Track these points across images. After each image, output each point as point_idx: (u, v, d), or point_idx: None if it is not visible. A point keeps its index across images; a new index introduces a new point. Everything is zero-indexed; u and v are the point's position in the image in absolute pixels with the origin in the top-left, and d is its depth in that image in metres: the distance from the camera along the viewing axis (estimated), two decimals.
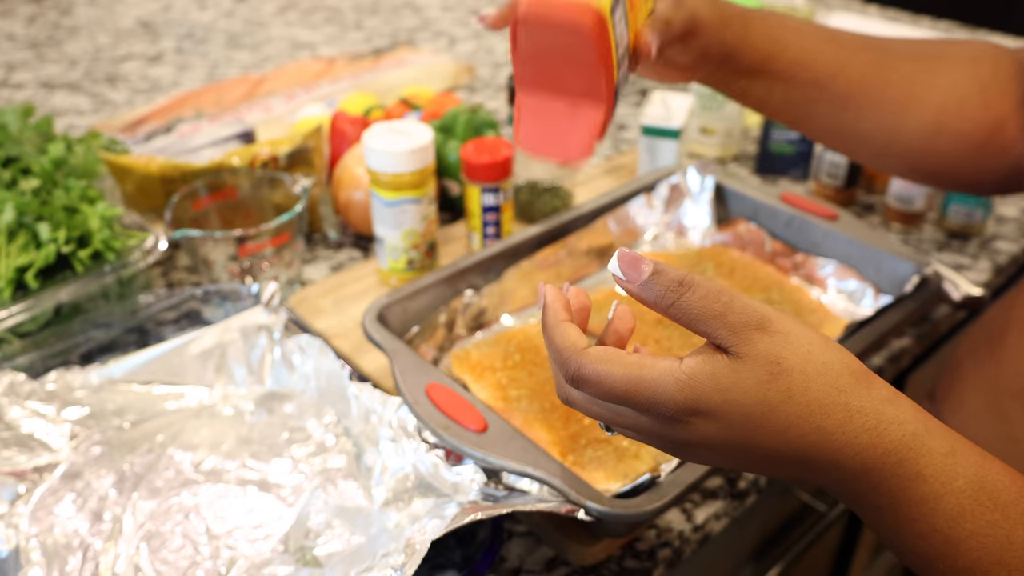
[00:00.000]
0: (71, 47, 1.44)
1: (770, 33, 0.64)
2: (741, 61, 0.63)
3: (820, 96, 0.65)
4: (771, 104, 0.67)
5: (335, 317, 0.80)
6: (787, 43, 0.64)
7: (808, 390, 0.39)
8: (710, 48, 0.62)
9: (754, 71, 0.64)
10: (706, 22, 0.60)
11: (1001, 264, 0.90)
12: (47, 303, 0.72)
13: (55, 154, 0.78)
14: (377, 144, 0.76)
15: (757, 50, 0.63)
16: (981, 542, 0.39)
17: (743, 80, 0.65)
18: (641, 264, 0.40)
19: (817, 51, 0.65)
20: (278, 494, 0.63)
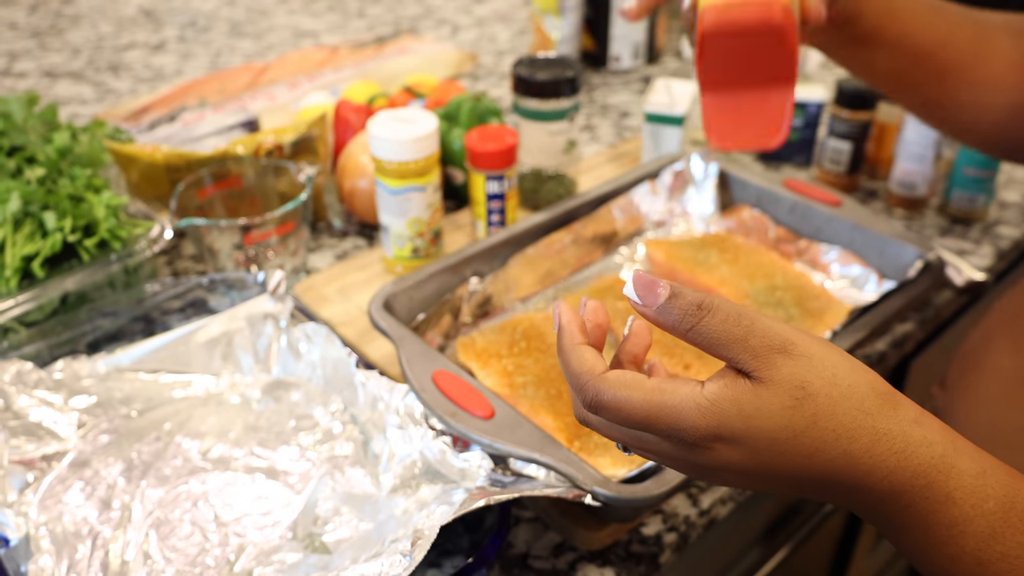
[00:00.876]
0: (73, 36, 1.44)
1: (883, 4, 0.65)
2: (855, 29, 0.65)
3: (923, 67, 0.67)
4: (876, 71, 0.69)
5: (340, 305, 0.80)
6: (897, 14, 0.66)
7: (834, 415, 0.38)
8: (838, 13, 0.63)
9: (865, 39, 0.66)
10: None
11: (1003, 249, 0.90)
12: (54, 292, 0.72)
13: (60, 143, 0.79)
14: (382, 132, 0.76)
15: (870, 19, 0.65)
16: (1012, 564, 0.38)
17: (854, 47, 0.67)
18: (657, 288, 0.39)
19: (924, 22, 0.66)
20: (286, 481, 0.63)
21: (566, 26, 1.20)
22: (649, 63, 1.30)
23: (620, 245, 0.85)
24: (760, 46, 0.55)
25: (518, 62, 0.88)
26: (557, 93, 0.86)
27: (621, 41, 1.26)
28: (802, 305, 0.74)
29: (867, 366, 0.40)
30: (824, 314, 0.73)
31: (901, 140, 0.91)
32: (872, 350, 0.77)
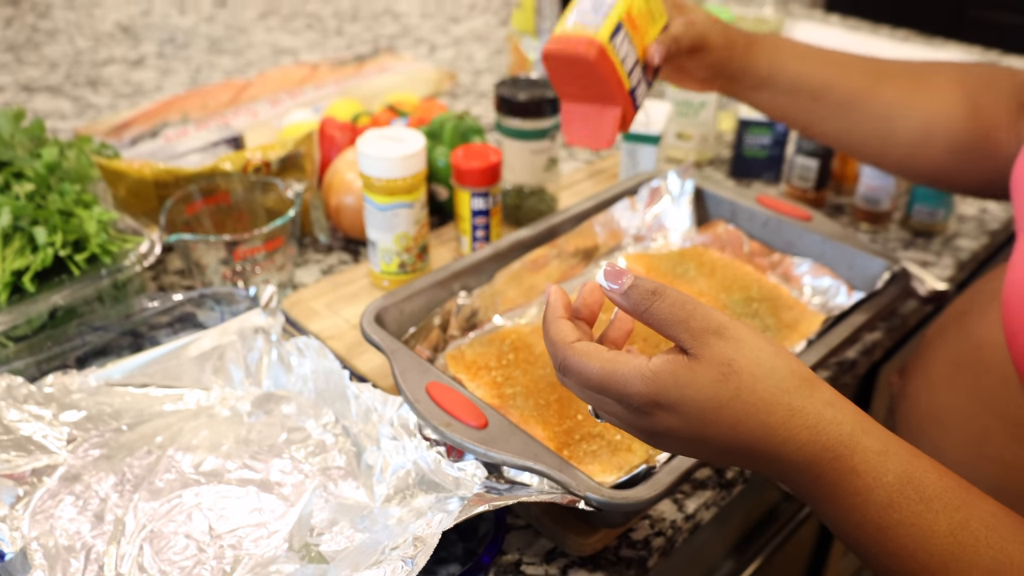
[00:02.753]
0: (50, 50, 1.44)
1: (771, 55, 0.76)
2: (748, 77, 0.77)
3: (817, 107, 0.76)
4: (777, 112, 0.79)
5: (329, 319, 0.82)
6: (785, 64, 0.76)
7: (755, 390, 0.44)
8: (720, 64, 0.75)
9: (759, 85, 0.77)
10: (713, 43, 0.74)
11: (963, 260, 0.94)
12: (43, 306, 0.72)
13: (49, 158, 0.79)
14: (371, 150, 0.78)
15: (760, 68, 0.76)
16: (907, 531, 0.43)
17: (751, 92, 0.78)
18: (622, 276, 0.46)
19: (811, 71, 0.76)
20: (279, 493, 0.65)
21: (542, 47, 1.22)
22: None
23: (601, 259, 0.87)
24: (586, 73, 0.68)
25: (501, 83, 0.90)
26: (539, 113, 0.88)
27: None
28: (777, 316, 0.77)
29: (792, 355, 0.46)
30: (798, 324, 0.76)
31: None
32: (843, 357, 0.80)
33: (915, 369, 0.74)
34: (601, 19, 0.67)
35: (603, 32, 0.66)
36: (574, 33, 0.67)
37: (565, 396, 0.68)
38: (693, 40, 0.73)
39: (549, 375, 0.70)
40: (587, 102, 0.70)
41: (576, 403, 0.68)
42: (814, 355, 0.68)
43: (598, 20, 0.67)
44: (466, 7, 1.70)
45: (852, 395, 0.95)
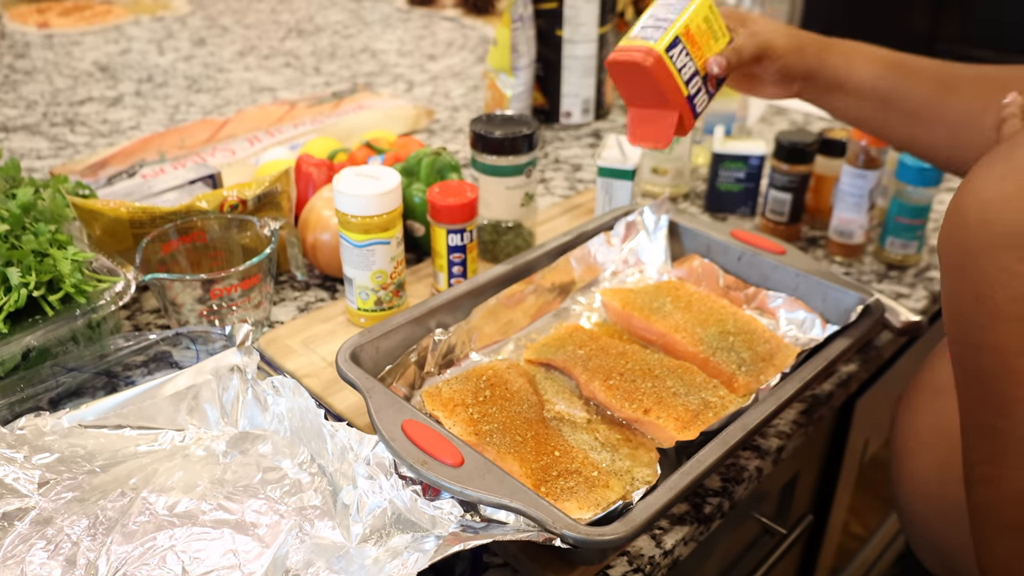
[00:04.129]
0: (27, 90, 1.44)
1: (844, 59, 0.77)
2: (820, 80, 0.78)
3: (888, 113, 0.77)
4: (850, 116, 0.80)
5: (305, 357, 0.81)
6: (857, 68, 0.77)
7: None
8: (790, 69, 0.77)
9: (831, 89, 0.78)
10: (780, 48, 0.76)
11: (936, 292, 0.95)
12: (17, 347, 0.72)
13: (24, 199, 0.79)
14: (347, 188, 0.78)
15: (832, 72, 0.77)
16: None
17: (823, 95, 0.79)
18: None
19: (883, 76, 0.77)
20: (255, 534, 0.64)
21: (519, 84, 1.24)
22: (598, 119, 1.35)
23: (577, 294, 0.88)
24: (643, 80, 0.74)
25: (476, 119, 0.91)
26: (515, 150, 0.89)
27: (571, 98, 1.30)
28: (753, 349, 0.77)
29: None
30: (774, 357, 0.77)
31: (838, 191, 0.96)
32: (820, 390, 0.81)
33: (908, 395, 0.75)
34: (660, 33, 0.74)
35: (660, 43, 0.73)
36: (634, 44, 0.74)
37: (542, 433, 0.68)
38: (757, 49, 0.76)
39: (526, 411, 0.70)
40: (648, 107, 0.77)
41: (553, 439, 0.68)
42: (789, 388, 0.68)
43: (656, 34, 0.74)
44: (443, 45, 1.72)
45: (829, 427, 0.95)
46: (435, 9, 1.97)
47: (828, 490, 1.01)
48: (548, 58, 1.27)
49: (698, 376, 0.74)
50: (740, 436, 0.63)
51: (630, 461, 0.68)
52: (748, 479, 0.72)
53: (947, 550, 0.69)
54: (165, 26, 1.82)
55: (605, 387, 0.73)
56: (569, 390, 0.76)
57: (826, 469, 0.99)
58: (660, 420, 0.69)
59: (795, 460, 0.88)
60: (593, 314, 0.86)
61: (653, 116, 0.77)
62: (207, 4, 1.98)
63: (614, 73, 0.76)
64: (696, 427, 0.68)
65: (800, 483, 0.92)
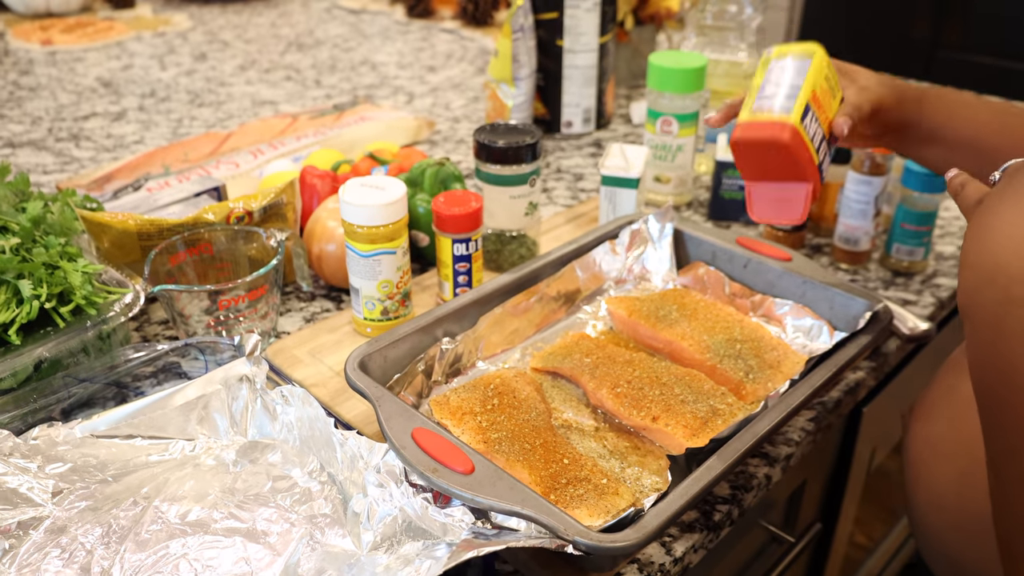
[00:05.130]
0: (32, 106, 1.45)
1: (942, 108, 0.75)
2: (917, 132, 0.76)
3: (987, 163, 0.73)
4: (943, 168, 0.75)
5: (312, 367, 0.82)
6: (957, 116, 0.75)
7: None
8: (890, 122, 0.75)
9: (928, 140, 0.76)
10: (887, 102, 0.74)
11: (943, 299, 0.95)
12: (29, 359, 0.72)
13: (34, 212, 0.80)
14: (352, 198, 0.79)
15: (930, 122, 0.75)
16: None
17: (918, 147, 0.77)
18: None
19: (984, 123, 0.75)
20: (266, 542, 0.64)
21: (520, 94, 1.25)
22: (599, 128, 1.36)
23: (583, 303, 0.88)
24: (777, 156, 0.70)
25: (480, 129, 0.92)
26: (518, 159, 0.90)
27: (572, 108, 1.31)
28: (760, 356, 0.77)
29: None
30: (781, 364, 0.77)
31: (843, 198, 0.97)
32: (828, 397, 0.81)
33: (921, 404, 0.75)
34: (791, 103, 0.69)
35: (794, 115, 0.68)
36: (764, 118, 0.69)
37: (550, 440, 0.68)
38: (872, 104, 0.73)
39: (534, 419, 0.70)
40: (774, 181, 0.72)
41: (562, 447, 0.68)
42: (798, 395, 0.68)
43: (788, 104, 0.69)
44: (443, 56, 1.73)
45: (837, 435, 0.95)
46: (434, 21, 1.98)
47: (835, 499, 1.01)
48: (548, 68, 1.28)
49: (706, 383, 0.74)
50: (751, 443, 0.64)
51: (639, 468, 0.68)
52: (757, 487, 0.72)
53: (962, 563, 0.69)
54: (166, 41, 1.83)
55: (613, 395, 0.73)
56: (576, 398, 0.76)
57: (833, 477, 0.99)
58: (669, 428, 0.70)
59: (803, 468, 0.88)
60: (599, 322, 0.86)
61: (780, 190, 0.72)
62: (207, 19, 1.99)
63: (739, 151, 0.71)
64: (705, 434, 0.68)
65: (807, 491, 0.93)
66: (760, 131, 0.69)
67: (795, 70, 0.71)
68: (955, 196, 0.65)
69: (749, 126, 0.70)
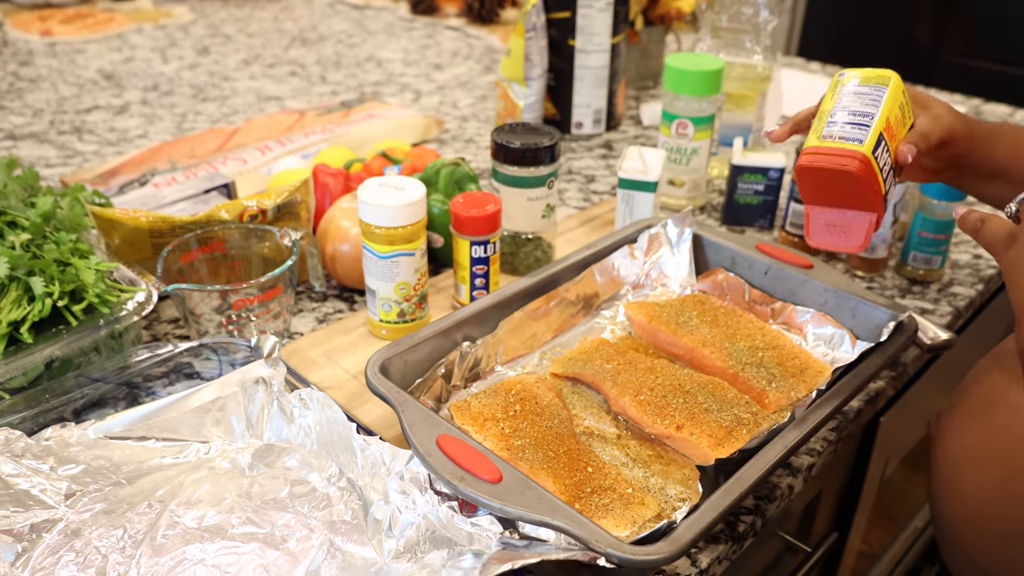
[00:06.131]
0: (33, 97, 1.43)
1: (1011, 146, 0.75)
2: (983, 168, 0.75)
3: None
4: (1001, 203, 0.75)
5: (328, 369, 0.80)
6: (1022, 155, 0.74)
7: None
8: (958, 157, 0.74)
9: (993, 176, 0.75)
10: (958, 135, 0.73)
11: (960, 308, 0.95)
12: (40, 358, 0.70)
13: (44, 207, 0.78)
14: (372, 198, 0.77)
15: (997, 159, 0.75)
16: None
17: (983, 182, 0.76)
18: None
19: None
20: (285, 549, 0.63)
21: (531, 94, 1.23)
22: (609, 129, 1.35)
23: (601, 307, 0.87)
24: (844, 185, 0.68)
25: (498, 129, 0.91)
26: (536, 161, 0.88)
27: (583, 109, 1.30)
28: (783, 364, 0.77)
29: None
30: (803, 373, 0.76)
31: None
32: (849, 407, 0.80)
33: (950, 411, 0.74)
34: (865, 133, 0.67)
35: (867, 146, 0.66)
36: (836, 147, 0.67)
37: (574, 448, 0.67)
38: (941, 135, 0.72)
39: (557, 426, 0.69)
40: (837, 206, 0.71)
41: (586, 455, 0.67)
42: (826, 407, 0.67)
43: (861, 135, 0.67)
44: (448, 54, 1.71)
45: (854, 445, 0.95)
46: (438, 18, 1.96)
47: (849, 508, 1.00)
48: (559, 68, 1.27)
49: (729, 392, 0.73)
50: (781, 454, 0.63)
51: (663, 478, 0.67)
52: (780, 497, 0.71)
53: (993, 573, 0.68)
54: (168, 34, 1.81)
55: (636, 402, 0.72)
56: (597, 405, 0.75)
57: (847, 487, 0.99)
58: (693, 437, 0.69)
59: (820, 477, 0.88)
60: (617, 327, 0.85)
61: (843, 217, 0.71)
62: (209, 12, 1.97)
63: (804, 177, 0.69)
64: (730, 444, 0.67)
65: (823, 501, 0.92)
66: (830, 160, 0.67)
67: (870, 97, 0.69)
68: (974, 233, 0.65)
69: (818, 153, 0.68)
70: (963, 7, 2.35)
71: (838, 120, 0.69)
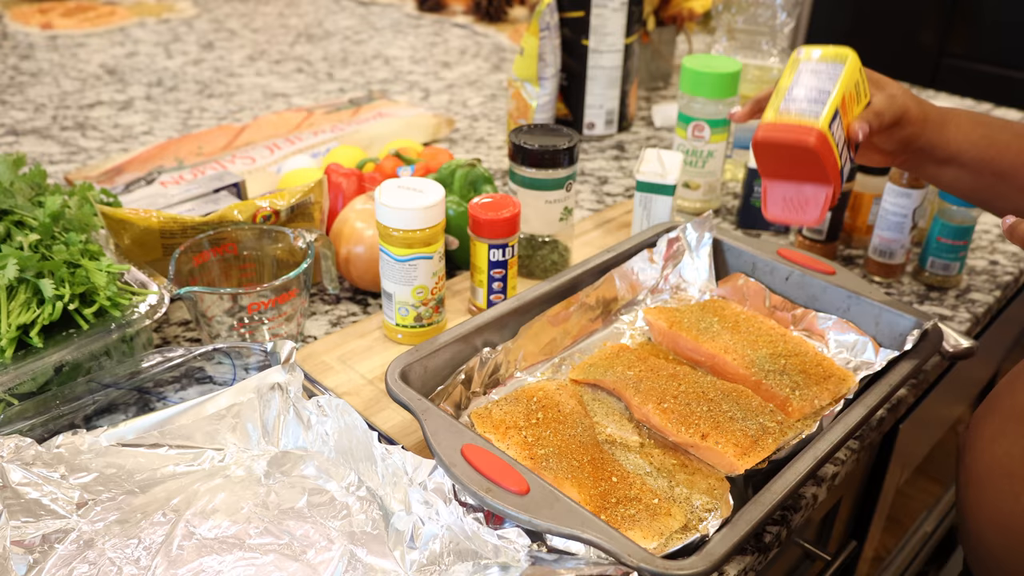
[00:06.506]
0: (34, 92, 1.40)
1: (963, 131, 0.75)
2: (936, 153, 0.76)
3: (1004, 185, 0.74)
4: (960, 189, 0.77)
5: (343, 374, 0.79)
6: (977, 140, 0.75)
7: None
8: (911, 139, 0.75)
9: (946, 161, 0.76)
10: (912, 117, 0.73)
11: (979, 314, 0.94)
12: (50, 362, 0.69)
13: (53, 207, 0.76)
14: (390, 200, 0.76)
15: (951, 144, 0.75)
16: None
17: (937, 167, 0.77)
18: None
19: (1004, 146, 0.74)
20: (304, 560, 0.61)
21: (544, 94, 1.22)
22: (621, 130, 1.33)
23: (620, 313, 0.86)
24: (800, 158, 0.69)
25: (516, 130, 0.89)
26: (555, 163, 0.87)
27: (595, 109, 1.29)
28: (806, 372, 0.75)
29: None
30: (827, 381, 0.75)
31: (880, 210, 0.95)
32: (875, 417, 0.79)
33: (982, 419, 0.73)
34: (820, 108, 0.68)
35: (823, 121, 0.68)
36: (792, 121, 0.68)
37: (597, 457, 0.66)
38: (895, 114, 0.73)
39: (580, 435, 0.68)
40: (793, 181, 0.72)
41: (610, 464, 0.66)
42: (855, 416, 0.66)
43: (817, 109, 0.68)
44: (456, 52, 1.70)
45: (873, 453, 0.94)
46: (445, 16, 1.94)
47: (866, 515, 0.99)
48: (572, 68, 1.26)
49: (754, 400, 0.72)
50: (811, 464, 0.62)
51: (687, 488, 0.66)
52: (805, 507, 0.70)
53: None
54: (171, 28, 1.79)
55: (659, 410, 0.71)
56: (618, 412, 0.74)
57: (864, 494, 0.98)
58: (719, 446, 0.67)
59: (840, 486, 0.87)
60: (636, 333, 0.84)
61: (799, 191, 0.72)
62: (212, 7, 1.95)
63: (761, 151, 0.71)
64: (756, 453, 0.66)
65: (841, 509, 0.91)
66: (786, 133, 0.68)
67: (827, 74, 0.70)
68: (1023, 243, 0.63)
69: (775, 127, 0.69)
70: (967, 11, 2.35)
71: (795, 96, 0.70)
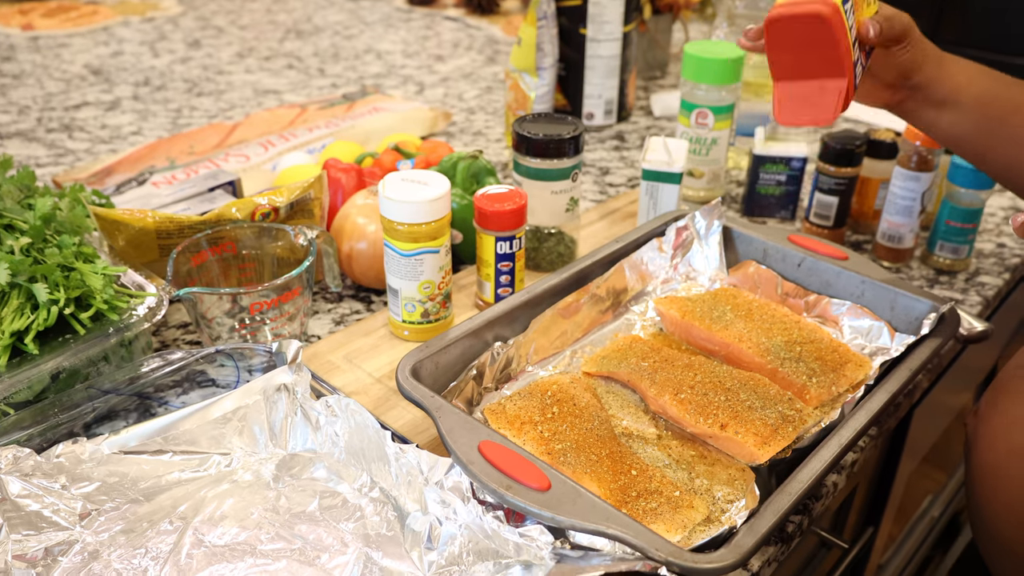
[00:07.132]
0: (18, 94, 1.38)
1: (962, 67, 0.74)
2: (934, 92, 0.74)
3: (999, 132, 0.72)
4: (955, 136, 0.75)
5: (350, 373, 0.77)
6: (974, 80, 0.73)
7: None
8: (911, 69, 0.73)
9: (944, 103, 0.74)
10: (915, 39, 0.72)
11: (988, 297, 0.92)
12: (46, 369, 0.66)
13: (43, 209, 0.74)
14: (395, 194, 0.74)
15: (948, 83, 0.73)
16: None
17: (934, 108, 0.75)
18: None
19: (999, 90, 0.73)
20: (319, 565, 0.59)
21: (542, 84, 1.20)
22: (620, 121, 1.32)
23: (630, 303, 0.84)
24: (815, 39, 0.65)
25: (520, 120, 0.87)
26: (560, 153, 0.85)
27: (594, 99, 1.27)
28: (822, 359, 0.74)
29: None
30: (844, 367, 0.73)
31: (889, 194, 0.94)
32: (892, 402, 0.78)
33: (991, 409, 0.71)
34: None
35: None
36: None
37: (616, 451, 0.64)
38: (902, 27, 0.71)
39: (597, 428, 0.66)
40: (806, 78, 0.68)
41: (628, 457, 0.64)
42: (877, 402, 0.65)
43: None
44: (449, 45, 1.68)
45: (888, 438, 0.92)
46: (436, 9, 1.92)
47: (879, 502, 0.98)
48: (570, 58, 1.24)
49: (771, 388, 0.70)
50: (836, 452, 0.60)
51: (708, 479, 0.64)
52: (826, 495, 0.69)
53: None
54: (156, 27, 1.76)
55: (676, 401, 0.69)
56: (634, 404, 0.72)
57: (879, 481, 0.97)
58: (739, 436, 0.66)
59: (858, 473, 0.85)
60: (647, 323, 0.82)
61: (811, 88, 0.68)
62: (198, 4, 1.92)
63: (773, 32, 0.67)
64: (776, 442, 0.65)
65: (856, 496, 0.89)
66: (801, 6, 0.65)
67: None
68: None
69: (788, 4, 0.66)
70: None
71: None
